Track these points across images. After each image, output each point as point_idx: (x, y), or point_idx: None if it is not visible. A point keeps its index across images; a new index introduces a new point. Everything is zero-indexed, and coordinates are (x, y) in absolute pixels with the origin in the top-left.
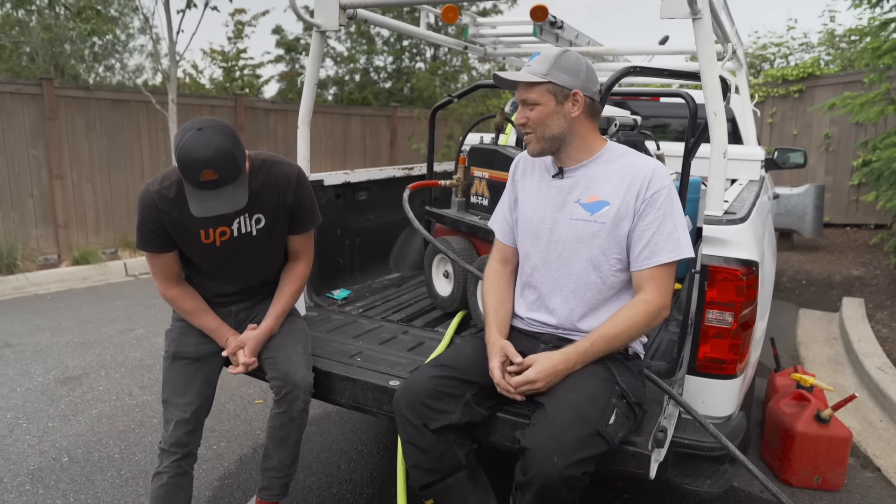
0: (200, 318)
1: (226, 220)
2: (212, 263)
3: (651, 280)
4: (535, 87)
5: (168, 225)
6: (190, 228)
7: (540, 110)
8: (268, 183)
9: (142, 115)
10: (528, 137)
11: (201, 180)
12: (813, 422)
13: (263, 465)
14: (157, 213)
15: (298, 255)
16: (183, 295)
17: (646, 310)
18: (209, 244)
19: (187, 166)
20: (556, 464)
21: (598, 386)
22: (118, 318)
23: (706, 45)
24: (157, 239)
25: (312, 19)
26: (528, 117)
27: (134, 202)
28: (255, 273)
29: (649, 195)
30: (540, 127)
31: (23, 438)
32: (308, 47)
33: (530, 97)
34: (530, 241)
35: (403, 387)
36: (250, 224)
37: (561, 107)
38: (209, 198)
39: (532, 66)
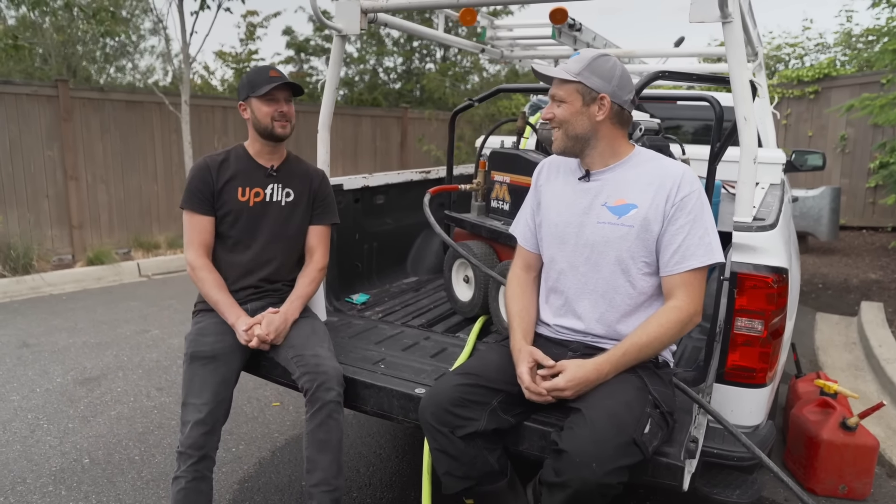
0: (217, 292)
1: (261, 183)
2: (241, 226)
3: (682, 285)
4: (565, 84)
5: (214, 182)
6: (233, 185)
7: (566, 108)
8: (299, 168)
9: (155, 117)
10: (555, 133)
11: (270, 76)
12: (839, 430)
13: (309, 481)
14: (207, 173)
15: (314, 250)
16: (208, 266)
17: (678, 316)
18: (244, 202)
19: (260, 71)
20: (595, 470)
21: (633, 394)
22: (133, 318)
23: (737, 48)
24: (200, 197)
25: (333, 23)
26: (555, 113)
27: (147, 203)
28: (274, 249)
29: (679, 199)
30: (565, 124)
31: (44, 439)
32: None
33: (559, 94)
34: (556, 245)
35: (428, 395)
36: (281, 194)
37: (587, 108)
38: (274, 81)
39: (567, 65)
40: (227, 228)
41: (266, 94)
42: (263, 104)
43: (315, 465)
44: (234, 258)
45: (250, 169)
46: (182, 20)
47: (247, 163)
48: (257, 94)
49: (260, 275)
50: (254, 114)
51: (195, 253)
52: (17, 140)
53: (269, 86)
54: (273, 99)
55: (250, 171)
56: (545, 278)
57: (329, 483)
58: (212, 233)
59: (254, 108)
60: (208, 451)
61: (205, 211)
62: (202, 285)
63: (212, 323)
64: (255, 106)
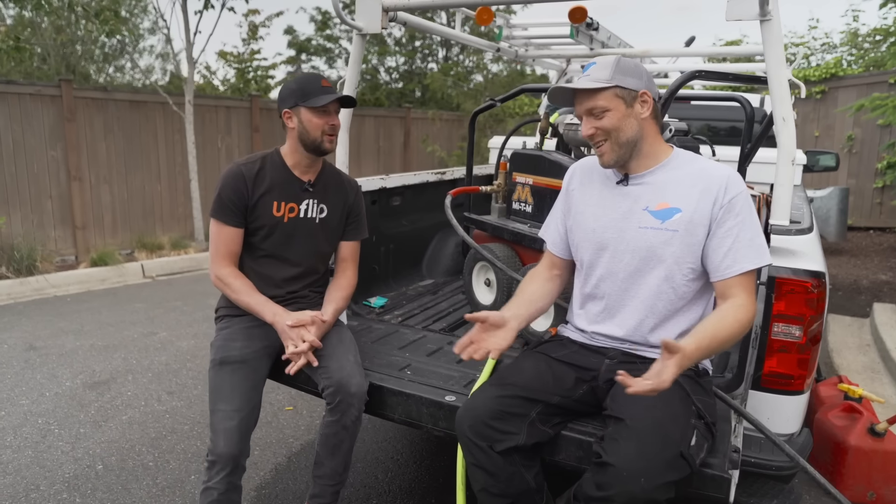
0: (250, 296)
1: (296, 198)
2: (274, 240)
3: (739, 286)
4: (600, 93)
5: (249, 194)
6: (268, 198)
7: (611, 116)
8: (334, 180)
9: (158, 117)
10: (602, 148)
11: (322, 85)
12: (867, 435)
13: (315, 472)
14: (242, 183)
15: (346, 265)
16: (235, 273)
17: (745, 315)
18: (278, 217)
19: (311, 78)
20: (643, 485)
21: (677, 405)
22: (139, 321)
23: (775, 48)
24: (233, 209)
25: (354, 22)
26: (599, 126)
27: (150, 204)
28: (306, 261)
29: (727, 201)
30: (614, 133)
31: (56, 445)
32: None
33: (598, 104)
34: (594, 251)
35: (466, 407)
36: (315, 210)
37: (631, 109)
38: (327, 92)
39: (592, 75)
40: (259, 241)
41: (320, 106)
42: (315, 116)
43: (323, 461)
44: (264, 270)
45: (286, 182)
46: (186, 19)
47: (283, 174)
48: (310, 104)
49: (289, 288)
50: (302, 124)
51: (221, 263)
52: (20, 140)
53: (326, 98)
54: (325, 111)
55: (286, 185)
56: (582, 285)
57: (333, 478)
58: (240, 244)
59: (303, 118)
60: (240, 460)
61: (236, 223)
62: (232, 293)
63: (240, 328)
64: (305, 116)
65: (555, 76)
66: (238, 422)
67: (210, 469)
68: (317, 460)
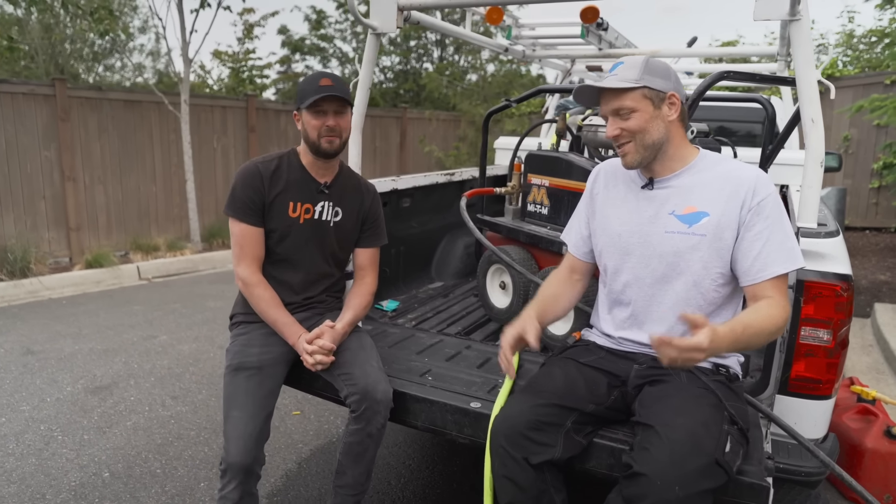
0: (276, 310)
1: (312, 199)
2: (289, 243)
3: (772, 289)
4: (628, 93)
5: (265, 192)
6: (283, 198)
7: (638, 117)
8: (351, 184)
9: (153, 116)
10: (625, 149)
11: (319, 85)
12: (883, 438)
13: (336, 481)
14: (259, 181)
15: (365, 272)
16: (264, 283)
17: (779, 313)
18: (294, 218)
19: (311, 79)
20: (678, 494)
21: (709, 411)
22: (138, 323)
23: (804, 48)
24: (252, 207)
25: (368, 21)
26: (624, 127)
27: (145, 205)
28: (320, 266)
29: (756, 203)
30: (640, 134)
31: (60, 452)
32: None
33: (625, 105)
34: (619, 256)
35: (502, 416)
36: (330, 213)
37: (658, 111)
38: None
39: (620, 74)
40: (274, 244)
41: (313, 105)
42: (311, 117)
43: (345, 470)
44: (280, 275)
45: (303, 182)
46: (182, 19)
47: (299, 174)
48: (304, 105)
49: (305, 294)
50: (304, 125)
51: (249, 268)
52: (13, 140)
53: (315, 96)
54: (321, 111)
55: (303, 185)
56: (608, 290)
57: (355, 487)
58: (263, 245)
59: (304, 120)
60: (254, 468)
61: (256, 222)
62: (258, 303)
63: (257, 334)
64: (305, 118)
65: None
66: (252, 429)
67: (223, 477)
68: (338, 469)
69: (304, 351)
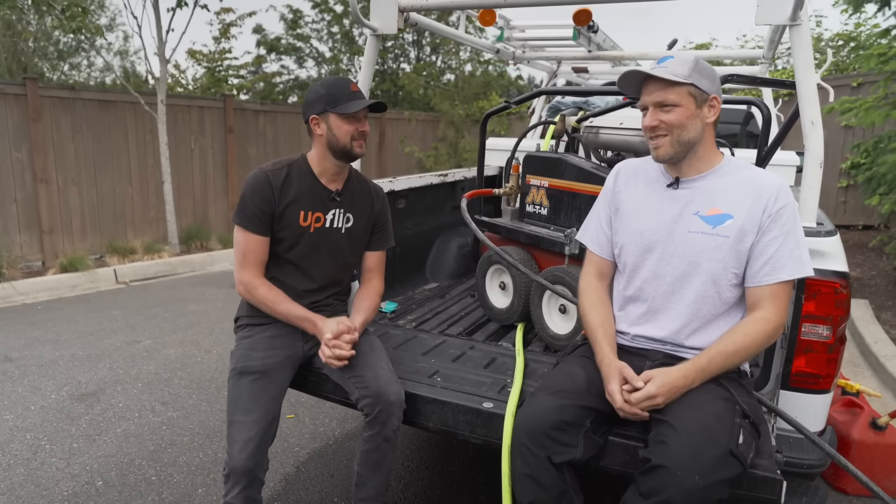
0: (285, 305)
1: (323, 208)
2: (299, 251)
3: (770, 297)
4: (675, 87)
5: (275, 202)
6: (294, 207)
7: (680, 112)
8: (360, 188)
9: (129, 117)
10: (660, 141)
11: (352, 90)
12: (869, 429)
13: (357, 495)
14: (269, 191)
15: (373, 274)
16: (266, 283)
17: (764, 328)
18: (305, 227)
19: (340, 83)
20: (698, 483)
21: (721, 405)
22: (120, 328)
23: (804, 52)
24: (260, 217)
25: (368, 22)
26: (664, 120)
27: (121, 207)
28: (331, 273)
29: (776, 210)
30: (677, 129)
31: (49, 461)
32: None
33: (669, 98)
34: (639, 253)
35: (526, 415)
36: (341, 220)
37: (700, 111)
38: (357, 97)
39: (670, 68)
40: (284, 251)
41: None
42: (344, 122)
43: (365, 482)
44: (289, 280)
45: (314, 190)
46: (157, 17)
47: (310, 182)
48: (340, 110)
49: (311, 299)
50: (331, 130)
51: (251, 273)
52: None
53: (357, 104)
54: (355, 117)
55: (313, 194)
56: (624, 287)
57: (377, 498)
58: (267, 253)
59: (332, 124)
60: (257, 473)
61: (263, 231)
62: (264, 303)
63: (262, 338)
64: (334, 123)
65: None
66: (256, 433)
67: (227, 482)
68: (358, 482)
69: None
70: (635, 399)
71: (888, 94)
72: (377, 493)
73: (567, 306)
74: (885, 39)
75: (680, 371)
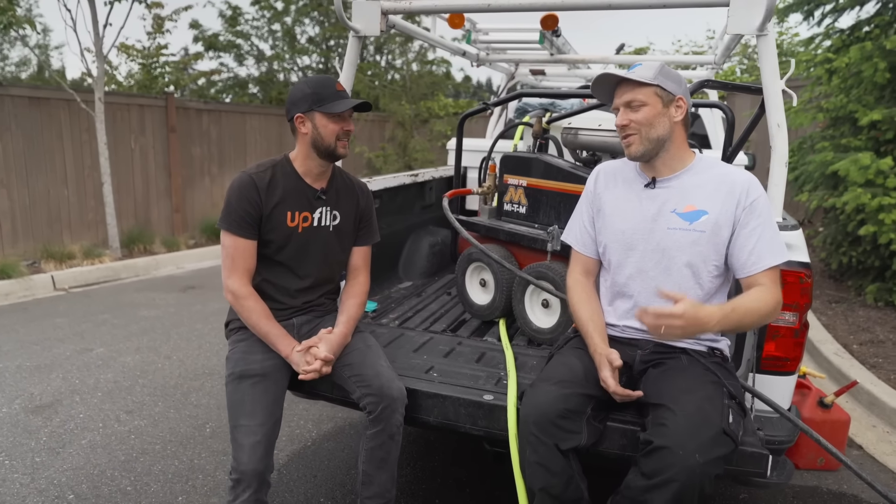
0: (267, 323)
1: (310, 207)
2: (289, 252)
3: (765, 278)
4: (642, 88)
5: (262, 204)
6: (281, 208)
7: (647, 111)
8: (345, 184)
9: (63, 115)
10: (631, 139)
11: (337, 90)
12: (817, 408)
13: (364, 493)
14: (255, 193)
15: (359, 271)
16: (254, 295)
17: (769, 298)
18: (292, 228)
19: (326, 82)
20: (698, 460)
21: (711, 388)
22: (67, 337)
23: (770, 60)
24: (248, 221)
25: (351, 24)
26: (633, 119)
27: (56, 209)
28: (322, 271)
29: (749, 203)
30: (646, 128)
31: (11, 477)
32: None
33: (638, 98)
34: (622, 251)
35: (532, 405)
36: (328, 218)
37: (666, 110)
38: (343, 97)
39: (638, 73)
40: (273, 253)
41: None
42: (330, 121)
43: (371, 480)
44: (279, 281)
45: (299, 190)
46: (93, 10)
47: (295, 182)
48: (326, 109)
49: (304, 298)
50: (316, 129)
51: (239, 280)
52: None
53: (344, 104)
54: (341, 116)
55: (299, 193)
56: (611, 283)
57: (384, 496)
58: (255, 257)
59: (317, 123)
60: (265, 475)
61: (250, 235)
62: (249, 315)
63: (258, 340)
64: (320, 121)
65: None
66: (262, 436)
67: (236, 488)
68: (364, 480)
69: (301, 362)
70: (658, 312)
71: (812, 97)
72: (384, 490)
73: (550, 301)
74: (809, 47)
75: (707, 310)
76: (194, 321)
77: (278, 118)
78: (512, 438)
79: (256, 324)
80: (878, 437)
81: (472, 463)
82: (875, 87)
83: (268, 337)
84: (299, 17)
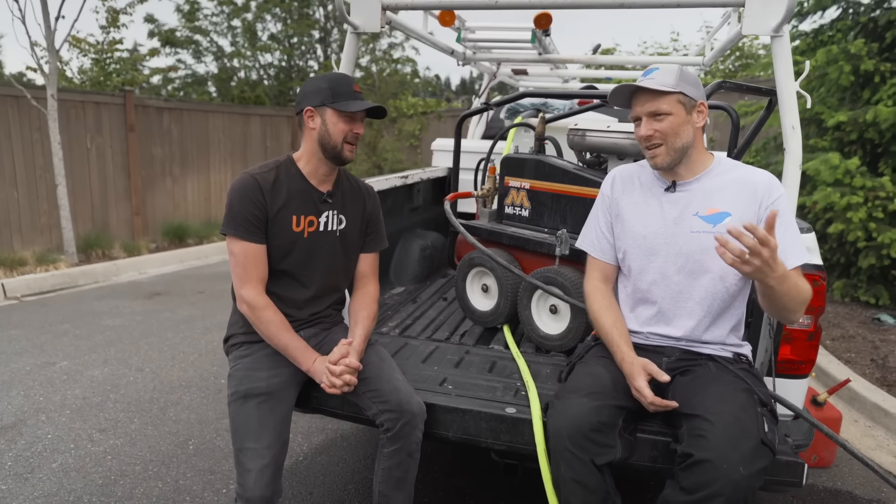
0: (287, 335)
1: (316, 211)
2: (294, 258)
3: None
4: (665, 97)
5: (267, 206)
6: (286, 212)
7: (672, 120)
8: (351, 188)
9: (11, 113)
10: (657, 151)
11: (354, 90)
12: (811, 406)
13: None
14: (260, 195)
15: (367, 279)
16: (272, 306)
17: (808, 289)
18: (298, 233)
19: (343, 79)
20: (743, 473)
21: (743, 396)
22: (25, 350)
23: (785, 62)
24: (254, 223)
25: (351, 19)
26: (658, 129)
27: (5, 213)
28: (329, 279)
29: (771, 201)
30: (672, 137)
31: None
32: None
33: (662, 108)
34: (644, 256)
35: (565, 419)
36: (334, 222)
37: (689, 117)
38: (358, 97)
39: (658, 79)
40: (277, 261)
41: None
42: (341, 120)
43: (388, 501)
44: (285, 292)
45: (305, 193)
46: (44, 4)
47: (300, 184)
48: (340, 107)
49: (311, 309)
50: (325, 126)
51: (254, 290)
52: None
53: (358, 104)
54: (352, 118)
55: (305, 196)
56: (632, 290)
57: None
58: (266, 262)
59: (327, 119)
60: (274, 501)
61: (258, 239)
62: (267, 327)
63: (263, 355)
64: (330, 118)
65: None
66: (270, 460)
67: None
68: (380, 501)
69: (330, 373)
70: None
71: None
72: None
73: (558, 307)
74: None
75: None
76: (164, 330)
77: (242, 117)
78: (541, 454)
79: (275, 336)
80: (861, 431)
81: (470, 473)
82: (839, 88)
83: (287, 350)
84: (260, 13)
